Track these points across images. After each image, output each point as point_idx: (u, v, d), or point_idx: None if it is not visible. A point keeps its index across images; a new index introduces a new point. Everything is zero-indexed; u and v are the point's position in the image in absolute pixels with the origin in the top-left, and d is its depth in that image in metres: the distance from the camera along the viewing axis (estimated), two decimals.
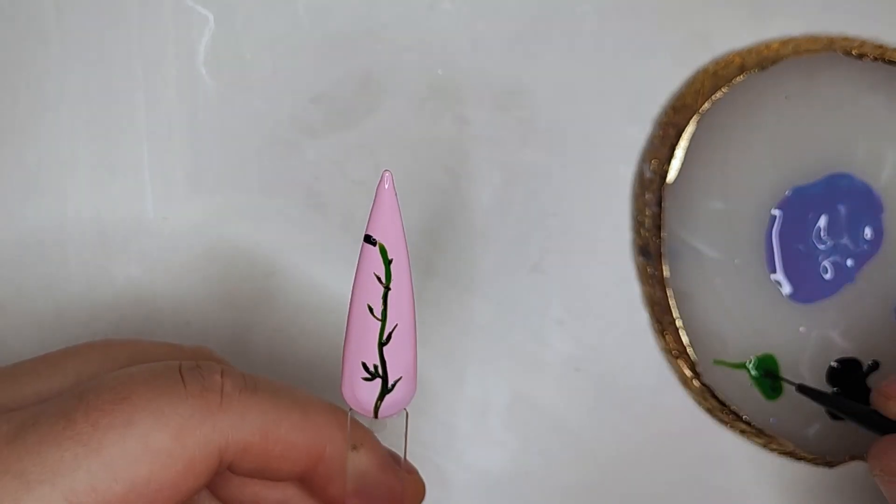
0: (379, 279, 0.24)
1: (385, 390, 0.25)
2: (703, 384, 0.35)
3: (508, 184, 0.35)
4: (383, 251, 0.24)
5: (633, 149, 0.35)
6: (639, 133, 0.35)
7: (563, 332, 0.35)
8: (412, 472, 0.27)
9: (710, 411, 0.35)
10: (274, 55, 0.34)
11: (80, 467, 0.21)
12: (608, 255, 0.35)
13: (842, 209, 0.35)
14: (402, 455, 0.27)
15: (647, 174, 0.35)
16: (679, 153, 0.34)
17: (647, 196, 0.35)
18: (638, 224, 0.35)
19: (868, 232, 0.35)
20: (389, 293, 0.24)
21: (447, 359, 0.35)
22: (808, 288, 0.35)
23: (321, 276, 0.34)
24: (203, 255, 0.34)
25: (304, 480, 0.26)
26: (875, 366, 0.35)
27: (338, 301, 0.34)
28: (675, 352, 0.35)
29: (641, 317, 0.36)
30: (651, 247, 0.34)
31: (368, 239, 0.24)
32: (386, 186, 0.24)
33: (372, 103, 0.34)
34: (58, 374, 0.25)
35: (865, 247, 0.35)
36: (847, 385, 0.35)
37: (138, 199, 0.33)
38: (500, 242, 0.35)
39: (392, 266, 0.24)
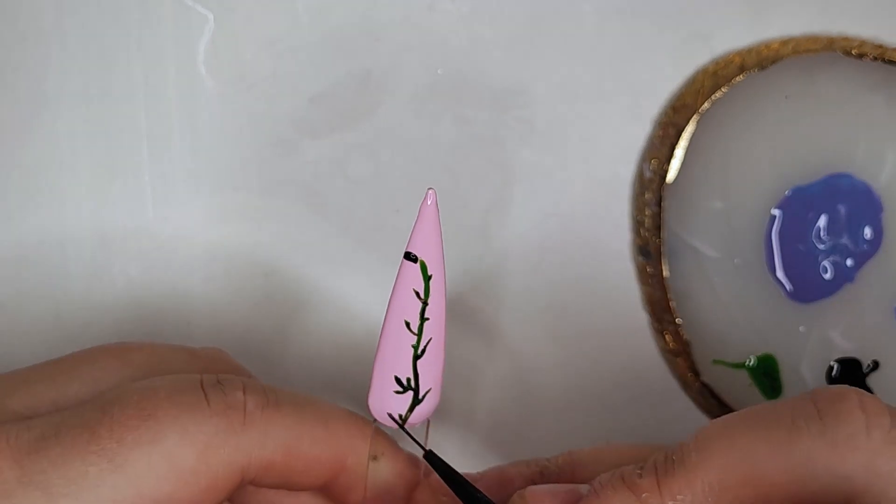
0: (417, 294, 0.25)
1: (415, 402, 0.26)
2: (703, 384, 0.35)
3: (508, 184, 0.35)
4: (424, 268, 0.24)
5: (633, 149, 0.35)
6: (639, 133, 0.35)
7: (563, 333, 0.35)
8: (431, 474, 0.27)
9: (709, 411, 0.35)
10: (273, 55, 0.34)
11: (104, 483, 0.21)
12: (608, 255, 0.35)
13: (842, 209, 0.35)
14: (421, 459, 0.27)
15: (647, 174, 0.35)
16: (679, 153, 0.34)
17: (647, 196, 0.35)
18: (638, 224, 0.35)
19: (868, 232, 0.35)
20: (427, 308, 0.25)
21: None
22: (808, 288, 0.35)
23: (321, 276, 0.34)
24: (203, 256, 0.34)
25: (325, 489, 0.26)
26: (875, 366, 0.35)
27: (338, 300, 0.34)
28: (675, 352, 0.35)
29: (641, 317, 0.36)
30: (651, 247, 0.34)
31: (409, 256, 0.24)
32: (429, 203, 0.24)
33: (372, 103, 0.34)
34: (74, 381, 0.25)
35: (865, 247, 0.35)
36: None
37: (138, 200, 0.33)
38: (500, 242, 0.35)
39: (431, 282, 0.25)
